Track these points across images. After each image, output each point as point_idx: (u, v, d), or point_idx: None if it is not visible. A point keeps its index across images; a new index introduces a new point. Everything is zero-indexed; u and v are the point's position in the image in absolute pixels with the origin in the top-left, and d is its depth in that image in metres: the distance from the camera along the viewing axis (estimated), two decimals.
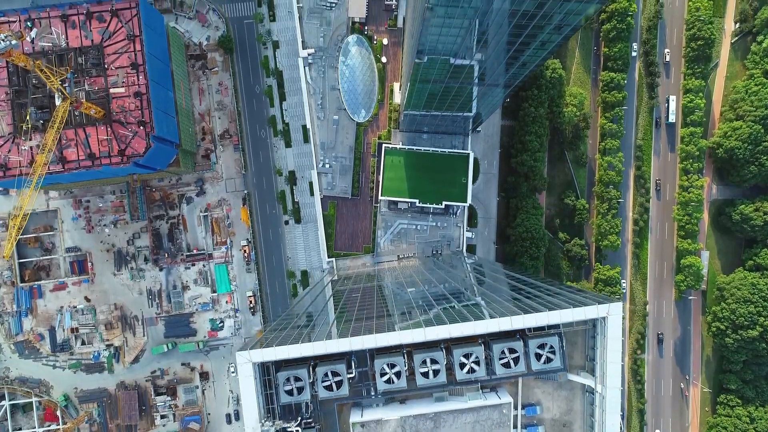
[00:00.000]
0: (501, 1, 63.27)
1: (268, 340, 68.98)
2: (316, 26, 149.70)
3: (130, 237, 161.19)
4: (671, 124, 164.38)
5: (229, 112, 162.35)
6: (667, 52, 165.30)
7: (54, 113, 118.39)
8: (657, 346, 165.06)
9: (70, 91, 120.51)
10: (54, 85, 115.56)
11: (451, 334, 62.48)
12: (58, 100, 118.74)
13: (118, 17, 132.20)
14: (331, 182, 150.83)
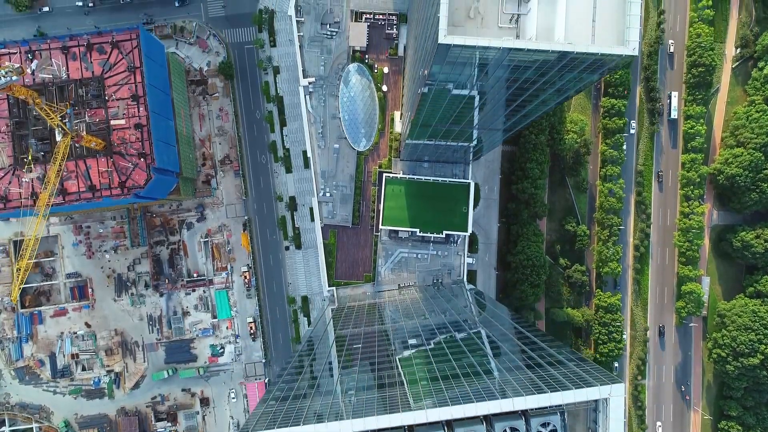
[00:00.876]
0: (498, 74, 62.72)
1: (268, 419, 68.58)
2: (317, 54, 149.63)
3: (130, 262, 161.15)
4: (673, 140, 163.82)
5: (230, 138, 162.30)
6: (671, 43, 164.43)
7: (55, 149, 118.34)
8: (658, 339, 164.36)
9: (71, 127, 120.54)
10: (54, 121, 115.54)
11: (453, 415, 62.61)
12: (59, 135, 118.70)
13: (118, 49, 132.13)
14: (332, 211, 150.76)
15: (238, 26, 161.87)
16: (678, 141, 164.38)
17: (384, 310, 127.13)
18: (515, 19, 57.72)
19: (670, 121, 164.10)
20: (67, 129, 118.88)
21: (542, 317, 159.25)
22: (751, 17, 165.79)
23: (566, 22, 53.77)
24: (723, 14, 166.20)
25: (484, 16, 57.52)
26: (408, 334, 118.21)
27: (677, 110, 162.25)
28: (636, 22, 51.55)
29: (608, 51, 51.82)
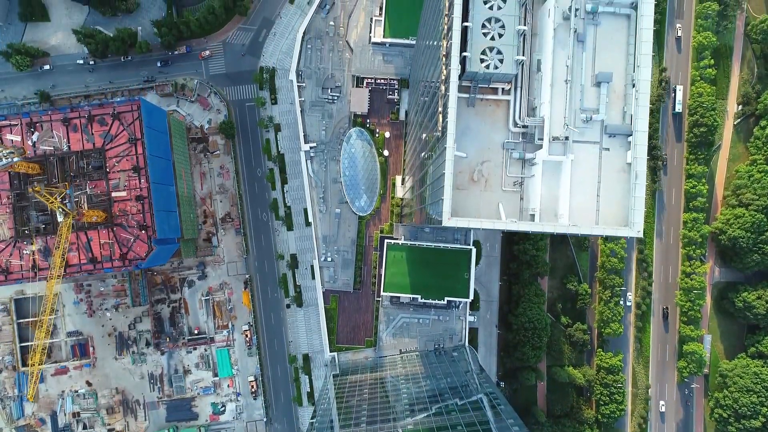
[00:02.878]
0: None
1: None
2: (318, 119, 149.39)
3: (131, 321, 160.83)
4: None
5: (231, 196, 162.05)
6: (678, 27, 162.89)
7: (58, 232, 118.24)
8: (662, 321, 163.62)
9: (71, 207, 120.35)
10: (55, 205, 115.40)
11: None
12: (60, 216, 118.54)
13: (119, 120, 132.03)
14: (333, 275, 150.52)
15: (239, 83, 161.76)
16: (680, 197, 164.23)
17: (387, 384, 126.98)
18: (519, 183, 57.63)
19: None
20: (68, 210, 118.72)
21: (543, 377, 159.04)
22: (753, 74, 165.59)
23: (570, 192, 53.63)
24: (725, 71, 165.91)
25: (488, 179, 57.38)
26: (411, 404, 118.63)
27: (682, 105, 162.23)
28: (640, 204, 51.41)
29: (612, 233, 51.86)
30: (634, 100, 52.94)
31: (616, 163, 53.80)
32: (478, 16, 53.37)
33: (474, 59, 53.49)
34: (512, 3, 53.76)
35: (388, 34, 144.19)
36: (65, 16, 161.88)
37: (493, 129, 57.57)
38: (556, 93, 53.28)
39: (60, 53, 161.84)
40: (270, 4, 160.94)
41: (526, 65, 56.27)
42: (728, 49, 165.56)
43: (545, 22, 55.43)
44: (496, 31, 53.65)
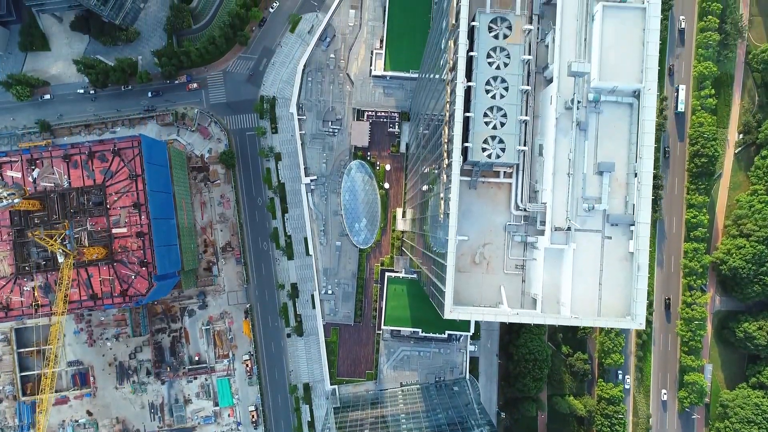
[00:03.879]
0: None
1: None
2: (319, 151, 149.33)
3: (132, 350, 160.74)
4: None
5: (231, 225, 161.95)
6: (682, 18, 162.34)
7: (59, 274, 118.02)
8: (665, 312, 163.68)
9: (71, 247, 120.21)
10: (55, 247, 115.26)
11: None
12: (61, 257, 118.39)
13: (120, 156, 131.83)
14: (334, 308, 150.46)
15: (239, 112, 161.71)
16: (681, 226, 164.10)
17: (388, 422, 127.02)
18: (521, 265, 57.56)
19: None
20: (68, 251, 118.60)
21: (545, 408, 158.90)
22: (754, 103, 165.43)
23: (572, 280, 53.53)
24: (725, 99, 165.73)
25: (489, 262, 57.29)
26: None
27: (685, 104, 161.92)
28: (643, 296, 51.32)
29: (614, 325, 51.76)
30: (636, 190, 52.89)
31: (619, 251, 53.74)
32: (480, 105, 53.32)
33: (476, 148, 53.44)
34: (514, 91, 53.69)
35: (389, 67, 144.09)
36: (65, 45, 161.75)
37: (495, 211, 57.50)
38: (558, 181, 53.20)
39: (60, 82, 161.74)
40: (270, 33, 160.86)
41: (528, 149, 56.14)
42: (729, 77, 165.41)
43: (547, 107, 55.32)
44: (498, 120, 53.58)
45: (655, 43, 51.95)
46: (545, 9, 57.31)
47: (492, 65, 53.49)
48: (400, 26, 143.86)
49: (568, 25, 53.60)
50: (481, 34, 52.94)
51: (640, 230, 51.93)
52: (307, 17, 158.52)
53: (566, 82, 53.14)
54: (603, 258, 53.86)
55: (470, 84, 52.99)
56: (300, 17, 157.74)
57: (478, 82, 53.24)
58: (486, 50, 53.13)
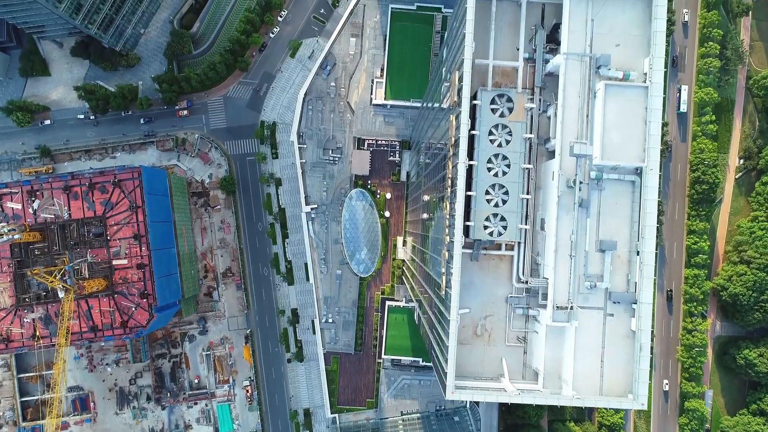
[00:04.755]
0: None
1: None
2: (319, 179, 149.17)
3: (132, 376, 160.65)
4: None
5: (232, 250, 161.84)
6: (685, 12, 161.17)
7: (60, 311, 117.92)
8: (666, 303, 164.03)
9: (72, 283, 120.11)
10: (55, 284, 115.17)
11: None
12: (61, 293, 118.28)
13: (120, 188, 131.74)
14: (334, 337, 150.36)
15: (239, 137, 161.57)
16: (682, 252, 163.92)
17: None
18: (523, 338, 57.48)
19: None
20: (68, 286, 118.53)
21: None
22: (755, 128, 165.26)
23: (574, 357, 53.43)
24: (726, 125, 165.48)
25: (491, 334, 57.21)
26: None
27: (687, 104, 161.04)
28: (645, 376, 51.22)
29: (616, 405, 51.74)
30: (638, 270, 52.81)
31: (621, 329, 53.67)
32: (482, 183, 53.23)
33: (478, 226, 53.35)
34: (516, 169, 53.58)
35: (390, 96, 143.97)
36: (66, 70, 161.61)
37: (497, 283, 57.44)
38: (560, 259, 53.12)
39: (61, 108, 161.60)
40: (271, 58, 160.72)
41: (530, 226, 56.09)
42: (730, 102, 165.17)
43: (549, 181, 55.21)
44: (499, 197, 53.50)
45: (657, 123, 51.88)
46: (547, 80, 57.21)
47: (494, 143, 53.43)
48: (400, 55, 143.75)
49: (570, 102, 53.53)
50: (483, 112, 52.88)
51: (642, 310, 51.85)
52: (308, 42, 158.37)
53: (568, 159, 53.04)
54: (605, 335, 53.79)
55: (472, 163, 52.88)
56: (300, 42, 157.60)
57: (479, 160, 53.18)
58: (488, 128, 53.08)
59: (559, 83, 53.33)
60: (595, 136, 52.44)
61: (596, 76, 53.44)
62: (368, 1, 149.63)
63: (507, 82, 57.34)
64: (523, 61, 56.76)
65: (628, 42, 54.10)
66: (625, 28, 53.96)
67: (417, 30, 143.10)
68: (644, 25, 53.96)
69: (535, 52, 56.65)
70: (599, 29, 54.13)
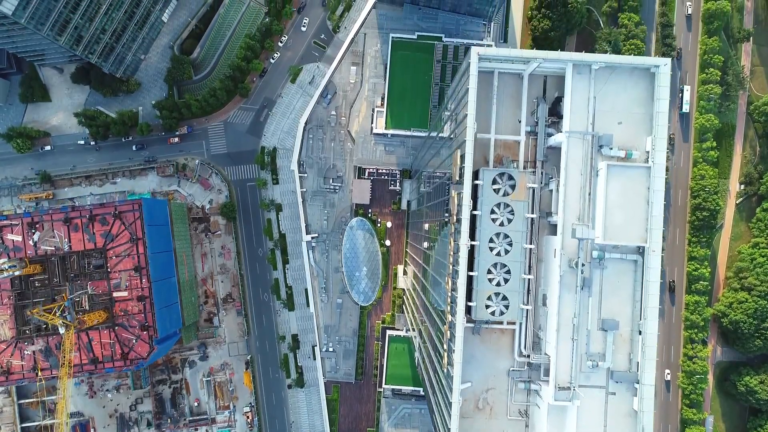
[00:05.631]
0: None
1: None
2: (320, 208, 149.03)
3: (132, 402, 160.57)
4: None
5: (232, 276, 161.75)
6: (689, 4, 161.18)
7: (62, 348, 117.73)
8: (669, 295, 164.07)
9: (72, 318, 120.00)
10: (55, 321, 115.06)
11: None
12: (62, 329, 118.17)
13: (121, 220, 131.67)
14: (335, 366, 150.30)
15: (240, 163, 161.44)
16: (683, 277, 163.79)
17: None
18: (525, 411, 57.40)
19: None
20: (68, 322, 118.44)
21: None
22: (755, 153, 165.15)
23: None
24: (727, 150, 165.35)
25: (492, 407, 57.12)
26: None
27: (689, 104, 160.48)
28: (650, 421, 51.15)
29: None
30: (640, 351, 52.76)
31: (623, 408, 53.58)
32: (484, 262, 53.16)
33: (479, 306, 53.27)
34: (518, 248, 53.50)
35: (390, 126, 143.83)
36: (66, 96, 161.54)
37: (498, 356, 57.36)
38: (562, 337, 53.04)
39: (61, 133, 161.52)
40: (271, 83, 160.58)
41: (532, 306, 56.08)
42: (730, 127, 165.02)
43: (551, 257, 55.12)
44: (501, 277, 53.42)
45: (659, 204, 51.80)
46: (549, 152, 57.10)
47: (495, 221, 53.34)
48: (401, 84, 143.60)
49: (572, 180, 53.44)
50: (485, 191, 52.79)
51: (644, 392, 51.77)
52: (308, 67, 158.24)
53: (570, 238, 52.92)
54: (607, 414, 53.72)
55: (474, 243, 52.79)
56: (300, 68, 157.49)
57: (481, 240, 53.09)
58: (490, 207, 52.99)
59: (561, 162, 53.23)
60: (597, 216, 52.35)
61: (598, 155, 53.35)
62: (369, 30, 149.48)
63: (509, 155, 57.23)
64: (525, 134, 56.65)
65: (630, 119, 54.01)
66: (628, 105, 53.88)
67: (418, 59, 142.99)
68: (646, 103, 53.87)
69: (537, 125, 56.51)
70: (601, 106, 54.05)
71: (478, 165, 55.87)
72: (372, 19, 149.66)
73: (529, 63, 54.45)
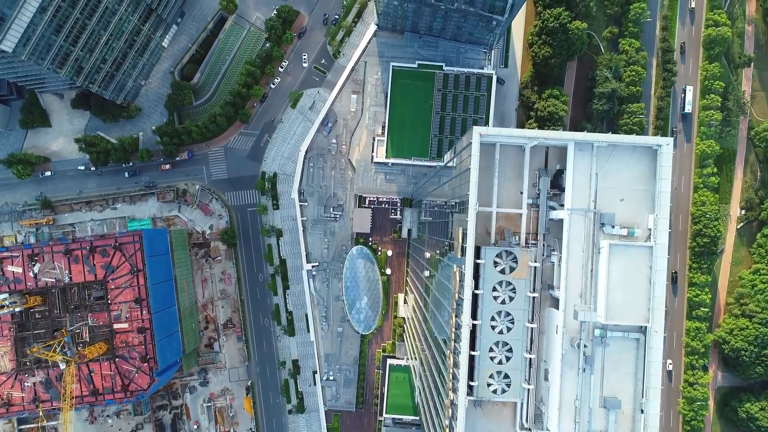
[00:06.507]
0: None
1: None
2: (320, 236, 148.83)
3: (133, 427, 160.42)
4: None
5: (232, 301, 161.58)
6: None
7: (62, 385, 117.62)
8: (671, 285, 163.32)
9: (72, 354, 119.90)
10: (56, 358, 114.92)
11: None
12: (62, 365, 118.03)
13: (121, 251, 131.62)
14: (336, 394, 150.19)
15: (240, 188, 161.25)
16: (683, 303, 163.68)
17: None
18: None
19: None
20: (68, 357, 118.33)
21: None
22: (756, 179, 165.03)
23: None
24: (728, 175, 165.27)
25: None
26: None
27: (692, 104, 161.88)
28: None
29: None
30: (642, 429, 52.68)
31: None
32: (485, 341, 53.06)
33: (481, 384, 53.22)
34: (520, 326, 53.40)
35: (391, 155, 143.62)
36: (66, 121, 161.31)
37: (500, 429, 57.24)
38: (564, 415, 52.94)
39: (61, 158, 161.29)
40: (271, 108, 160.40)
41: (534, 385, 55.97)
42: (731, 152, 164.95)
43: (553, 334, 55.02)
44: (503, 355, 53.34)
45: (662, 285, 51.71)
46: (551, 224, 56.98)
47: (497, 299, 53.25)
48: (401, 113, 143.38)
49: (574, 257, 53.35)
50: (487, 270, 52.71)
51: None
52: (309, 93, 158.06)
53: (572, 315, 52.84)
54: None
55: (475, 323, 52.69)
56: (301, 93, 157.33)
57: (483, 319, 53.02)
58: (492, 285, 52.88)
59: (563, 239, 53.15)
60: (599, 294, 52.27)
61: (600, 232, 53.25)
62: (369, 58, 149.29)
63: (511, 226, 57.10)
64: (527, 206, 56.51)
65: (632, 196, 53.92)
66: (630, 182, 53.79)
67: (418, 88, 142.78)
68: (648, 180, 53.79)
69: (539, 196, 56.38)
70: (603, 183, 53.96)
71: (480, 237, 55.77)
72: (372, 47, 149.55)
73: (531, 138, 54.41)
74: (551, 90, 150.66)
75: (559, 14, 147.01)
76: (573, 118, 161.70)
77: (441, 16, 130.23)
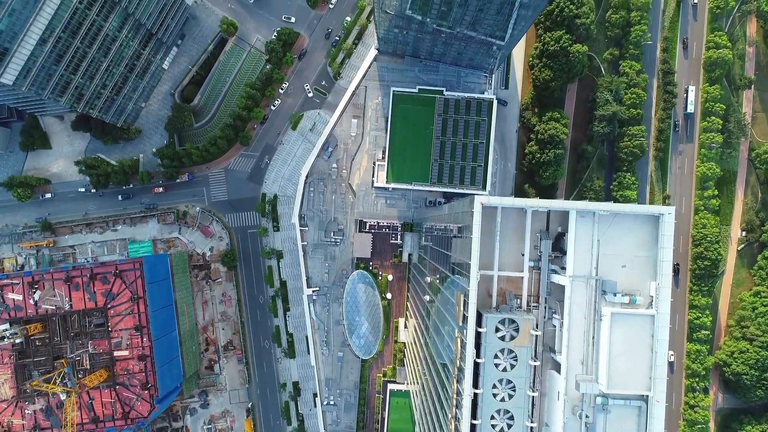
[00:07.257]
0: None
1: None
2: (321, 261, 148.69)
3: None
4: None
5: (233, 323, 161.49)
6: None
7: (63, 414, 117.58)
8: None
9: (72, 384, 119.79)
10: (56, 389, 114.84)
11: None
12: (63, 396, 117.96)
13: (121, 279, 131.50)
14: (336, 419, 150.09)
15: (241, 210, 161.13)
16: (684, 325, 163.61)
17: None
18: None
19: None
20: (69, 388, 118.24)
21: None
22: (757, 200, 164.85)
23: None
24: (728, 197, 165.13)
25: None
26: None
27: (694, 105, 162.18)
28: None
29: None
30: None
31: None
32: (487, 409, 52.95)
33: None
34: (521, 394, 53.28)
35: (391, 179, 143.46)
36: (67, 143, 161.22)
37: None
38: None
39: (61, 180, 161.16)
40: (272, 130, 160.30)
41: None
42: (732, 174, 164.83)
43: (554, 397, 54.92)
44: (504, 423, 53.25)
45: (663, 354, 51.64)
46: (552, 286, 56.90)
47: (498, 367, 53.18)
48: (402, 138, 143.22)
49: (576, 324, 53.25)
50: (488, 337, 52.64)
51: None
52: (309, 114, 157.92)
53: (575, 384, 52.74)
54: None
55: (477, 391, 52.63)
56: (301, 115, 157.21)
57: (485, 387, 52.96)
58: (493, 352, 52.80)
59: (565, 306, 53.06)
60: (601, 363, 52.20)
61: (602, 299, 53.18)
62: (370, 82, 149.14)
63: (512, 289, 57.02)
64: (528, 269, 56.42)
65: (634, 263, 53.85)
66: (631, 249, 53.70)
67: (419, 113, 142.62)
68: (650, 246, 53.70)
69: (540, 259, 56.28)
70: (605, 249, 53.88)
71: (481, 299, 55.65)
72: (373, 71, 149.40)
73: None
74: (552, 112, 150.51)
75: (560, 37, 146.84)
76: (573, 140, 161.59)
77: (442, 43, 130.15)
